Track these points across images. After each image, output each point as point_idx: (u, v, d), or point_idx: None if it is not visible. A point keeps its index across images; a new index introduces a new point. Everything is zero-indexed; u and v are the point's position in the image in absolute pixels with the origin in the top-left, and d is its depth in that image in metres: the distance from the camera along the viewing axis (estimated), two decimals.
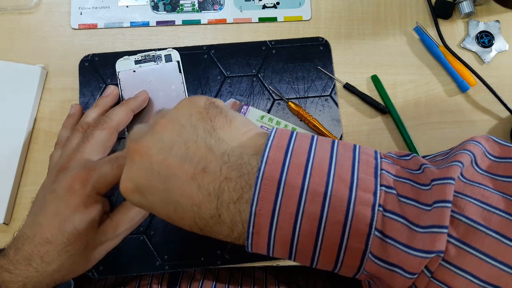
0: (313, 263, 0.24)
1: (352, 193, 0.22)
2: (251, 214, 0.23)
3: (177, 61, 0.47)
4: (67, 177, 0.36)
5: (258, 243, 0.24)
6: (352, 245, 0.22)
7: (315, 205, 0.22)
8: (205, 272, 0.47)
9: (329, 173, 0.23)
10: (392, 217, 0.22)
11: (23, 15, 0.49)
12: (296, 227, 0.22)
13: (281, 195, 0.22)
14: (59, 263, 0.34)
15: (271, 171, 0.23)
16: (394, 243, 0.22)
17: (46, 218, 0.35)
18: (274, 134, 0.25)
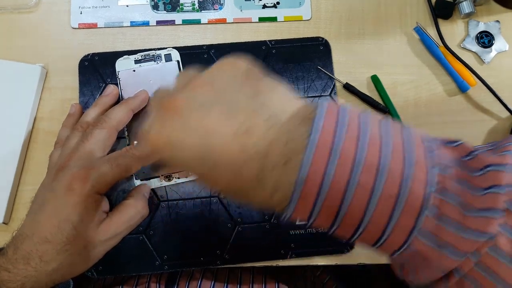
0: (354, 236, 0.23)
1: (408, 170, 0.21)
2: (298, 179, 0.22)
3: (177, 60, 0.47)
4: (66, 176, 0.36)
5: (300, 210, 0.23)
6: (402, 221, 0.22)
7: (370, 176, 0.21)
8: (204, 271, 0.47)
9: (385, 147, 0.22)
10: (445, 197, 0.22)
11: (23, 14, 0.49)
12: (346, 197, 0.22)
13: (335, 163, 0.21)
14: (58, 262, 0.34)
15: (325, 137, 0.22)
16: (446, 224, 0.21)
17: (45, 217, 0.35)
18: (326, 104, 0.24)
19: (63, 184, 0.35)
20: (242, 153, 0.23)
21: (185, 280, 0.46)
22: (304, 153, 0.22)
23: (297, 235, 0.43)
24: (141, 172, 0.44)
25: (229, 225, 0.43)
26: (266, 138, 0.23)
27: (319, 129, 0.22)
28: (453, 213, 0.22)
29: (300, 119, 0.23)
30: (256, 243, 0.43)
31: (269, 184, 0.23)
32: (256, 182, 0.23)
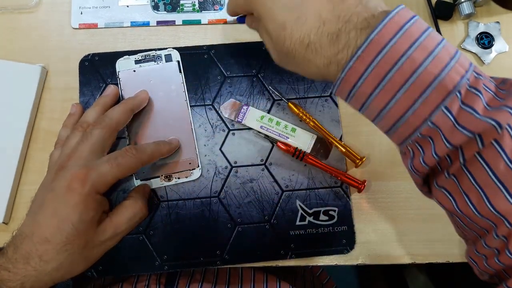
0: (391, 102, 0.27)
1: (451, 61, 0.26)
2: (367, 39, 0.26)
3: (177, 61, 0.47)
4: (66, 176, 0.36)
5: (356, 68, 0.27)
6: (432, 96, 0.26)
7: (422, 55, 0.26)
8: (205, 273, 0.47)
9: (439, 43, 0.26)
10: (473, 91, 0.26)
11: (24, 14, 0.49)
12: (397, 64, 0.26)
13: (398, 37, 0.26)
14: (58, 262, 0.34)
15: (398, 18, 0.26)
16: (468, 109, 0.25)
17: (45, 217, 0.35)
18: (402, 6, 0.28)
19: (63, 184, 0.35)
20: (331, 13, 0.29)
21: (185, 280, 0.46)
22: (378, 24, 0.26)
23: (297, 235, 0.44)
24: (141, 172, 0.44)
25: (229, 225, 0.44)
26: (356, 9, 0.28)
27: (395, 13, 0.27)
28: (475, 103, 0.26)
29: (384, 8, 0.29)
30: (256, 243, 0.43)
31: (342, 42, 0.28)
32: (334, 37, 0.28)
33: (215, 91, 0.47)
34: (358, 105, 0.29)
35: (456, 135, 0.26)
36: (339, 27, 0.28)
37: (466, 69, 0.26)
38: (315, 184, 0.45)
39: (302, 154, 0.44)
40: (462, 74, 0.26)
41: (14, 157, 0.44)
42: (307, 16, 0.29)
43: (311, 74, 0.32)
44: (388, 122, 0.28)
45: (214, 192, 0.44)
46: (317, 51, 0.29)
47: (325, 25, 0.29)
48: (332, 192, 0.45)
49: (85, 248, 0.36)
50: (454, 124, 0.26)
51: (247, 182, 0.45)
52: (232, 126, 0.46)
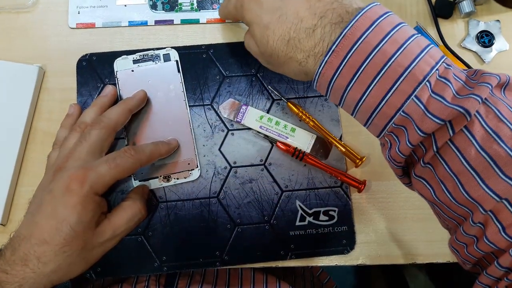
0: (364, 95, 0.29)
1: (421, 53, 0.27)
2: (341, 34, 0.28)
3: (175, 60, 0.46)
4: (64, 177, 0.36)
5: (332, 62, 0.29)
6: (403, 86, 0.27)
7: (392, 47, 0.27)
8: (204, 273, 0.47)
9: (410, 37, 0.28)
10: (443, 80, 0.27)
11: (21, 14, 0.49)
12: (368, 57, 0.28)
13: (370, 31, 0.28)
14: (56, 263, 0.34)
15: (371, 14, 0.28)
16: (436, 96, 0.27)
17: (42, 218, 0.35)
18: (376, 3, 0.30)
19: (61, 185, 0.35)
20: (308, 11, 0.32)
21: (185, 281, 0.46)
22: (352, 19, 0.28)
23: (297, 236, 0.43)
24: (140, 172, 0.44)
25: (228, 226, 0.43)
26: (331, 6, 0.31)
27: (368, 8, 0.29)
28: (445, 92, 0.27)
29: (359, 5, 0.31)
30: (256, 244, 0.43)
31: (318, 36, 0.31)
32: (310, 31, 0.31)
33: (214, 91, 0.46)
34: (337, 99, 0.31)
35: (427, 122, 0.27)
36: (315, 22, 0.31)
37: (436, 60, 0.28)
38: (315, 184, 0.44)
39: (301, 154, 0.44)
40: (432, 65, 0.27)
41: (12, 158, 0.44)
42: (287, 15, 0.33)
43: (295, 73, 0.35)
44: (365, 115, 0.30)
45: (213, 193, 0.44)
46: (296, 46, 0.32)
47: (303, 21, 0.32)
48: (332, 192, 0.44)
49: (83, 249, 0.36)
50: (424, 112, 0.27)
51: (247, 182, 0.44)
52: (231, 126, 0.46)
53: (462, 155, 0.27)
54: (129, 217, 0.39)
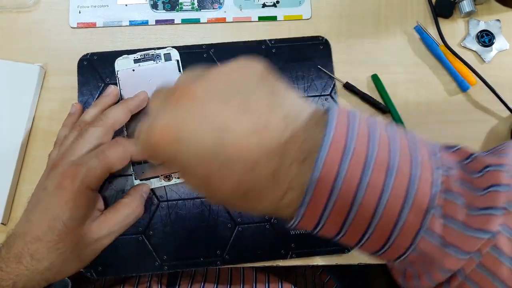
0: (362, 241, 0.23)
1: (415, 170, 0.22)
2: (312, 178, 0.21)
3: (176, 60, 0.46)
4: (57, 174, 0.36)
5: (311, 212, 0.22)
6: (409, 220, 0.22)
7: (380, 175, 0.21)
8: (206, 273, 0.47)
9: (394, 147, 0.22)
10: (450, 197, 0.22)
11: (22, 13, 0.49)
12: (357, 196, 0.21)
13: (347, 161, 0.21)
14: (50, 260, 0.34)
15: (338, 137, 0.22)
16: (450, 223, 0.22)
17: (36, 215, 0.35)
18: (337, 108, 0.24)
19: (54, 182, 0.35)
20: (259, 149, 0.22)
21: (187, 281, 0.46)
22: (319, 152, 0.21)
23: (298, 235, 0.43)
24: (141, 172, 0.44)
25: (229, 225, 0.43)
26: (284, 135, 0.23)
27: (332, 130, 0.22)
28: (457, 212, 0.22)
29: (316, 120, 0.24)
30: (257, 243, 0.43)
31: (285, 182, 0.22)
32: (271, 179, 0.23)
33: None
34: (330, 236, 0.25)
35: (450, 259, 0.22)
36: (274, 165, 0.22)
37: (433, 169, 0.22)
38: None
39: None
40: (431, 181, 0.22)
41: (13, 157, 0.44)
42: (231, 161, 0.23)
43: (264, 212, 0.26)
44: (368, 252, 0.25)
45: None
46: (258, 197, 0.24)
47: (258, 167, 0.23)
48: None
49: (77, 246, 0.36)
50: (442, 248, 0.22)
51: None
52: None
53: (494, 277, 0.22)
54: (125, 215, 0.39)
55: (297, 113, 0.24)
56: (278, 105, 0.24)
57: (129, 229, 0.42)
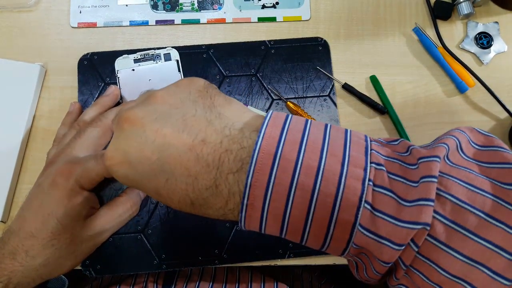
0: (303, 238, 0.25)
1: (343, 168, 0.23)
2: (246, 185, 0.23)
3: (176, 60, 0.47)
4: (52, 171, 0.36)
5: (251, 216, 0.24)
6: (342, 217, 0.23)
7: (309, 178, 0.23)
8: (202, 272, 0.47)
9: (322, 149, 0.24)
10: (381, 191, 0.23)
11: (23, 13, 0.49)
12: (289, 199, 0.23)
13: (276, 167, 0.23)
14: (45, 257, 0.35)
15: (268, 145, 0.23)
16: (383, 216, 0.23)
17: (30, 212, 0.35)
18: (271, 114, 0.26)
19: (48, 180, 0.36)
20: (198, 163, 0.24)
21: (182, 280, 0.46)
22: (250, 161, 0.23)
23: None
24: None
25: (227, 225, 0.43)
26: (222, 146, 0.24)
27: (263, 136, 0.24)
28: (388, 205, 0.23)
29: (253, 127, 0.25)
30: (254, 242, 0.43)
31: (224, 191, 0.24)
32: (213, 189, 0.25)
33: None
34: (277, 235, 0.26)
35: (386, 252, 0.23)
36: (212, 176, 0.24)
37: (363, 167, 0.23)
38: None
39: None
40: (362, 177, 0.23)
41: (13, 156, 0.44)
42: (175, 175, 0.25)
43: None
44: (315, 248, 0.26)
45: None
46: (205, 206, 0.25)
47: (198, 179, 0.24)
48: None
49: (72, 242, 0.36)
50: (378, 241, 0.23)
51: None
52: None
53: (435, 264, 0.23)
54: (119, 213, 0.39)
55: (236, 122, 0.26)
56: (216, 117, 0.26)
57: (128, 228, 0.42)
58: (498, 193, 0.23)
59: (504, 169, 0.24)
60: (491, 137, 0.27)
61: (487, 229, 0.22)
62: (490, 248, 0.22)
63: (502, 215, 0.22)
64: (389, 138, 0.28)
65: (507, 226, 0.22)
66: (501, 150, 0.25)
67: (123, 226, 0.42)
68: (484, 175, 0.24)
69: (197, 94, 0.27)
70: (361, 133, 0.26)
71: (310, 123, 0.25)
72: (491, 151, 0.26)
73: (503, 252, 0.22)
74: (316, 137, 0.24)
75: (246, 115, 0.27)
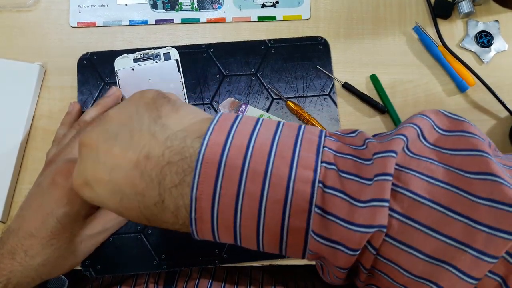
0: (259, 246, 0.24)
1: (292, 171, 0.22)
2: (192, 199, 0.22)
3: (176, 59, 0.47)
4: (51, 171, 0.36)
5: (202, 229, 0.23)
6: (293, 224, 0.22)
7: (255, 184, 0.22)
8: (202, 271, 0.47)
9: (270, 152, 0.22)
10: (332, 192, 0.22)
11: (22, 12, 0.49)
12: (237, 209, 0.22)
13: (221, 177, 0.22)
14: (44, 257, 0.34)
15: (212, 153, 0.22)
16: (335, 219, 0.21)
17: (30, 211, 0.35)
18: (218, 117, 0.25)
19: (48, 179, 0.35)
20: (142, 179, 0.24)
21: (183, 280, 0.46)
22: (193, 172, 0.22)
23: None
24: None
25: None
26: (164, 159, 0.23)
27: (207, 144, 0.22)
28: (340, 207, 0.21)
29: (198, 134, 0.24)
30: None
31: (171, 206, 0.23)
32: (160, 205, 0.24)
33: (214, 90, 0.47)
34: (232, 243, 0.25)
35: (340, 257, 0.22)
36: (156, 192, 0.24)
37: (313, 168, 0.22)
38: None
39: None
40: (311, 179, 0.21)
41: (12, 156, 0.44)
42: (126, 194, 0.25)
43: None
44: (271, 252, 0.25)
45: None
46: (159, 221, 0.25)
47: (145, 196, 0.24)
48: None
49: (72, 242, 0.36)
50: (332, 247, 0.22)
51: None
52: None
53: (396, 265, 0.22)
54: None
55: (181, 130, 0.25)
56: (161, 128, 0.25)
57: (128, 228, 0.42)
58: (460, 183, 0.21)
59: (468, 156, 0.22)
60: (458, 120, 0.25)
61: (449, 224, 0.20)
62: (453, 245, 0.20)
63: (463, 207, 0.21)
64: (347, 130, 0.27)
65: (469, 219, 0.20)
66: (467, 135, 0.23)
67: (123, 226, 0.41)
68: (446, 164, 0.22)
69: (144, 107, 0.27)
70: (317, 128, 0.25)
71: (261, 123, 0.24)
72: (456, 136, 0.24)
73: (467, 248, 0.20)
74: (264, 139, 0.23)
75: (192, 121, 0.26)
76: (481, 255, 0.20)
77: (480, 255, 0.20)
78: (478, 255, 0.20)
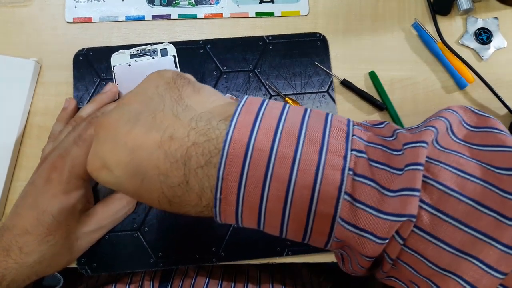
0: (283, 231, 0.24)
1: (321, 157, 0.22)
2: (218, 179, 0.22)
3: (173, 55, 0.46)
4: (45, 167, 0.35)
5: (226, 210, 0.23)
6: (321, 209, 0.22)
7: (284, 168, 0.21)
8: (198, 269, 0.47)
9: (299, 137, 0.22)
10: (362, 181, 0.22)
11: (17, 8, 0.48)
12: (264, 191, 0.22)
13: (249, 159, 0.22)
14: (40, 254, 0.34)
15: (240, 134, 0.22)
16: (364, 207, 0.21)
17: (25, 209, 0.35)
18: (244, 100, 0.24)
19: (42, 176, 0.35)
20: (167, 160, 0.24)
21: (179, 278, 0.45)
22: (221, 153, 0.22)
23: None
24: None
25: None
26: (189, 140, 0.23)
27: (235, 125, 0.22)
28: (370, 196, 0.21)
29: (222, 116, 0.24)
30: (252, 240, 0.43)
31: (196, 187, 0.23)
32: (184, 186, 0.24)
33: (211, 86, 0.46)
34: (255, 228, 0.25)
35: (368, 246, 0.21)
36: (181, 173, 0.23)
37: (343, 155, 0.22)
38: None
39: None
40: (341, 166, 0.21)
41: (7, 153, 0.43)
42: (149, 175, 0.24)
43: None
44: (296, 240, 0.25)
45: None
46: (182, 203, 0.25)
47: (168, 177, 0.24)
48: None
49: (67, 239, 0.36)
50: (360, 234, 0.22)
51: None
52: None
53: (422, 256, 0.22)
54: (116, 209, 0.39)
55: (202, 114, 0.25)
56: (184, 109, 0.25)
57: (124, 226, 0.42)
58: (490, 178, 0.21)
59: (498, 152, 0.22)
60: (486, 116, 0.25)
61: (478, 218, 0.21)
62: (481, 238, 0.20)
63: (494, 202, 0.21)
64: (375, 121, 0.27)
65: (499, 214, 0.20)
66: (495, 131, 0.23)
67: (119, 224, 0.41)
68: (475, 159, 0.22)
69: (165, 87, 0.27)
70: (344, 117, 0.25)
71: (288, 108, 0.24)
72: (484, 132, 0.24)
73: (495, 243, 0.20)
74: (293, 123, 0.23)
75: (215, 104, 0.26)
76: (509, 249, 0.20)
77: (508, 249, 0.20)
78: (506, 250, 0.20)
